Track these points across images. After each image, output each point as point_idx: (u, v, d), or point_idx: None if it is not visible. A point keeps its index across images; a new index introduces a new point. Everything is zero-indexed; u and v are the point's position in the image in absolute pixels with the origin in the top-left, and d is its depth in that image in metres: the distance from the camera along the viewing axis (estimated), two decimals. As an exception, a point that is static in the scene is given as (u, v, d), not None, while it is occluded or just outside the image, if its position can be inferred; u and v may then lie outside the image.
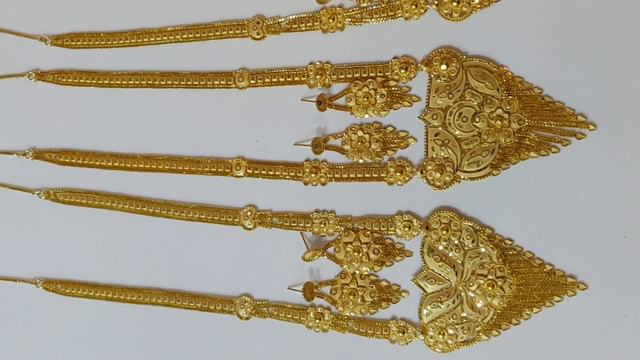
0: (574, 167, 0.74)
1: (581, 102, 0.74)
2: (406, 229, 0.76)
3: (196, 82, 0.81)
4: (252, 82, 0.80)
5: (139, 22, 0.83)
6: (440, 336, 0.75)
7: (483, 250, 0.75)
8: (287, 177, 0.79)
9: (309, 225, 0.78)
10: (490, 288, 0.74)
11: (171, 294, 0.81)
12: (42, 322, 0.84)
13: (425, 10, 0.77)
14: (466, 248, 0.75)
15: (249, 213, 0.80)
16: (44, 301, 0.84)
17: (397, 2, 0.77)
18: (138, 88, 0.82)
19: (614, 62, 0.74)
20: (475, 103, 0.75)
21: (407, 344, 0.77)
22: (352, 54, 0.78)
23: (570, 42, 0.75)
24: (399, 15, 0.77)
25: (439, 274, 0.75)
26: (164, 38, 0.82)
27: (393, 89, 0.77)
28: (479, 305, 0.74)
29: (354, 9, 0.78)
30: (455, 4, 0.75)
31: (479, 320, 0.75)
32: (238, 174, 0.80)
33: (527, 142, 0.74)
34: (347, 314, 0.77)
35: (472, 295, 0.74)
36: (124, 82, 0.82)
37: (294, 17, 0.79)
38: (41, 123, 0.84)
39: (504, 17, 0.76)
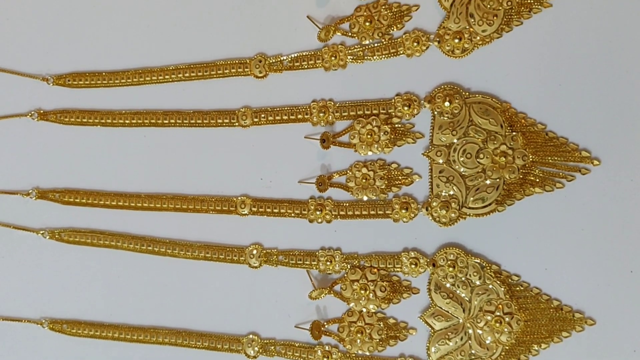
0: (579, 203, 0.74)
1: (585, 137, 0.74)
2: (413, 266, 0.76)
3: (199, 121, 0.81)
4: (256, 120, 0.80)
5: (141, 61, 0.83)
6: (449, 374, 0.75)
7: (490, 286, 0.75)
8: (292, 214, 0.79)
9: (315, 263, 0.78)
10: (498, 324, 0.74)
11: (178, 333, 0.81)
12: (48, 363, 0.84)
13: (427, 47, 0.77)
14: (473, 285, 0.75)
15: (254, 251, 0.79)
16: (50, 341, 0.83)
17: (399, 40, 0.77)
18: (141, 127, 0.82)
19: (617, 97, 0.74)
20: (479, 139, 0.75)
21: (415, 381, 0.77)
22: (354, 91, 0.79)
23: (573, 78, 0.75)
24: (401, 52, 0.77)
25: (447, 311, 0.75)
26: (166, 77, 0.82)
27: (396, 126, 0.77)
28: (487, 341, 0.74)
29: (356, 46, 0.78)
30: (456, 40, 0.75)
31: (488, 356, 0.75)
32: (243, 212, 0.80)
33: (532, 178, 0.74)
34: (355, 352, 0.77)
35: (480, 332, 0.74)
36: (127, 121, 0.82)
37: (296, 55, 0.79)
38: (44, 162, 0.84)
39: (506, 53, 0.76)
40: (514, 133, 0.74)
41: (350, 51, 0.78)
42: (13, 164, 0.85)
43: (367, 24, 0.77)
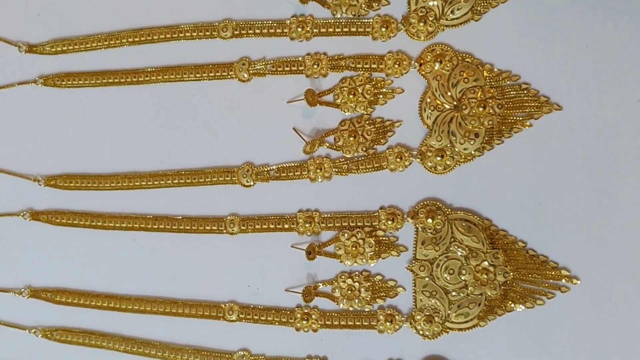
0: (559, 320, 0.76)
1: (564, 256, 0.76)
2: (397, 377, 0.78)
3: (188, 227, 0.82)
4: (243, 227, 0.81)
5: (131, 166, 0.84)
6: None
7: (472, 399, 0.76)
8: (279, 322, 0.80)
9: (301, 371, 0.80)
10: None
11: None
12: None
13: (410, 163, 0.78)
14: (456, 397, 0.76)
15: (243, 358, 0.81)
16: None
17: (382, 154, 0.79)
18: (131, 230, 0.84)
19: (596, 217, 0.76)
20: (461, 255, 0.76)
21: None
22: (339, 202, 0.80)
23: (553, 197, 0.76)
24: (385, 166, 0.79)
25: (430, 423, 0.77)
26: (155, 182, 0.83)
27: (381, 238, 0.78)
28: None
29: (340, 159, 0.79)
30: (439, 158, 0.77)
31: None
32: (231, 318, 0.81)
33: (513, 295, 0.76)
34: None
35: None
36: (117, 225, 0.84)
37: (282, 165, 0.80)
38: (36, 262, 0.85)
39: (487, 171, 0.77)
40: (495, 250, 0.76)
41: (334, 164, 0.79)
42: (5, 263, 0.86)
43: (352, 138, 0.78)
